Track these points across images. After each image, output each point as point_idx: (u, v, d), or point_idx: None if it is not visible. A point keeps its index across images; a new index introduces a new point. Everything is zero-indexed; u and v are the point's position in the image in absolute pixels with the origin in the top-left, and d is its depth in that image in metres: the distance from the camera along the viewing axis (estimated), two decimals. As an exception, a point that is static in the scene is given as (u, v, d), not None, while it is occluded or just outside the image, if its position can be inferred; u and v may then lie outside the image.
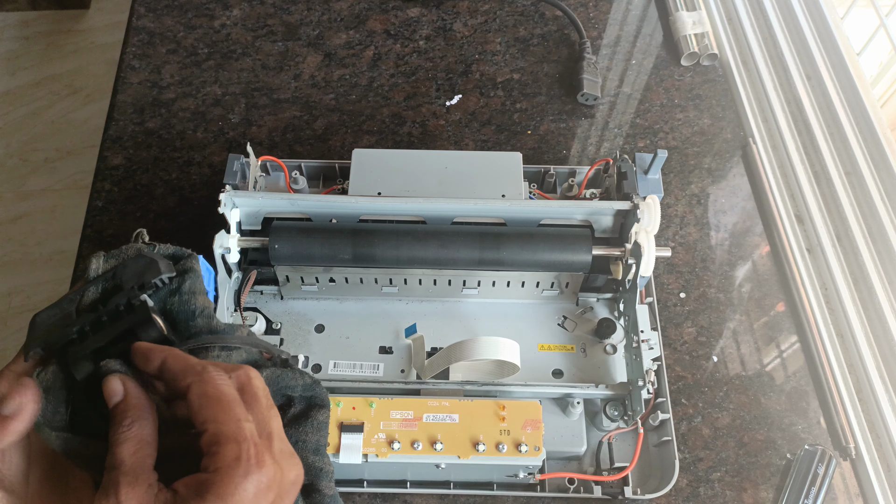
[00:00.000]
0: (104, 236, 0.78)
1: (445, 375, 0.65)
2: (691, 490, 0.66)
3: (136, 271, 0.38)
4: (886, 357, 0.70)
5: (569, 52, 0.93)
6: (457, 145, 0.85)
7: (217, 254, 0.63)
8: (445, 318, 0.71)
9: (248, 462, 0.32)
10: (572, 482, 0.64)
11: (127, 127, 0.86)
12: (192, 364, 0.35)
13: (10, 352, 1.53)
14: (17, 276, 1.61)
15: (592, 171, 0.76)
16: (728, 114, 0.88)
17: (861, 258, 0.74)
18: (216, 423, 0.32)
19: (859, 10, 0.86)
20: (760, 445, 0.68)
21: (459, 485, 0.64)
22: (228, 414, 0.33)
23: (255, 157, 0.73)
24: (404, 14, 0.95)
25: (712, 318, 0.74)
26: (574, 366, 0.69)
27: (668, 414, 0.64)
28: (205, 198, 0.80)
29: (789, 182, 0.82)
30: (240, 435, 0.32)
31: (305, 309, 0.71)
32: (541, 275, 0.68)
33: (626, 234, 0.66)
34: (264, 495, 0.32)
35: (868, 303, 0.73)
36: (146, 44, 0.92)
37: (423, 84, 0.89)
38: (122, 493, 0.31)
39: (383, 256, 0.65)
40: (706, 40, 0.91)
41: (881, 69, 0.89)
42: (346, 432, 0.59)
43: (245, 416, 0.33)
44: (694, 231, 0.79)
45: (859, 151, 0.79)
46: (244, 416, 0.33)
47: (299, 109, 0.87)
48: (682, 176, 0.83)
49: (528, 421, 0.59)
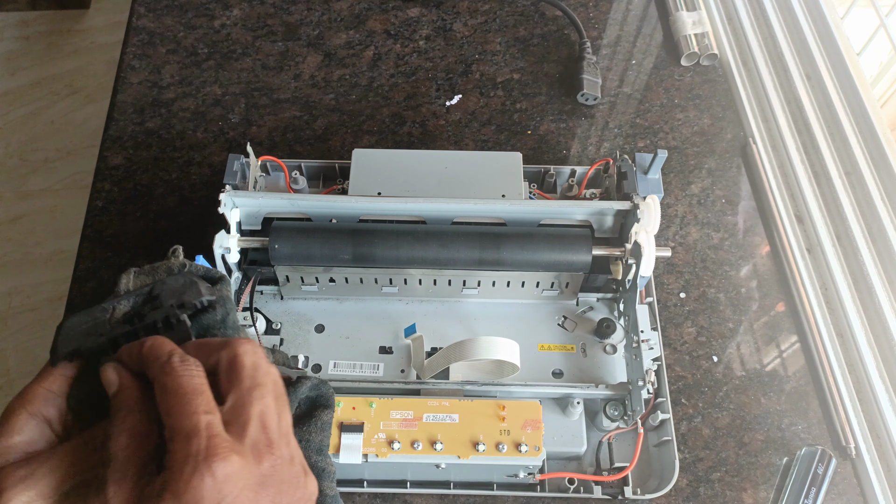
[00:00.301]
0: (104, 236, 0.78)
1: (445, 375, 0.65)
2: (691, 490, 0.66)
3: (176, 290, 0.37)
4: (886, 357, 0.70)
5: (569, 52, 0.93)
6: (457, 145, 0.85)
7: (217, 254, 0.63)
8: (445, 318, 0.71)
9: (196, 457, 0.30)
10: (572, 482, 0.64)
11: (127, 127, 0.86)
12: (158, 354, 0.33)
13: (9, 352, 1.53)
14: (17, 276, 1.61)
15: (592, 171, 0.76)
16: (728, 114, 0.88)
17: (861, 258, 0.74)
18: (170, 418, 0.31)
19: (859, 10, 0.86)
20: (760, 445, 0.68)
21: (459, 485, 0.64)
22: (182, 407, 0.31)
23: (255, 157, 0.73)
24: (404, 14, 0.95)
25: (712, 318, 0.74)
26: (574, 366, 0.69)
27: (668, 414, 0.64)
28: (205, 198, 0.80)
29: (789, 182, 0.82)
30: (191, 429, 0.31)
31: (305, 309, 0.71)
32: (541, 275, 0.68)
33: (626, 234, 0.66)
34: (224, 490, 0.30)
35: (868, 303, 0.73)
36: (146, 44, 0.92)
37: (423, 84, 0.89)
38: (109, 491, 0.31)
39: (383, 256, 0.65)
40: (706, 40, 0.91)
41: (881, 69, 0.89)
42: (346, 432, 0.59)
43: (205, 407, 0.31)
44: (694, 231, 0.79)
45: (859, 151, 0.79)
46: (204, 406, 0.31)
47: (299, 109, 0.87)
48: (682, 176, 0.83)
49: (528, 421, 0.59)
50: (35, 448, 0.34)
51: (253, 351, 0.35)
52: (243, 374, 0.33)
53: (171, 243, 0.42)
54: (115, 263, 0.76)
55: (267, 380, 0.34)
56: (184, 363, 0.33)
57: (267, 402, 0.33)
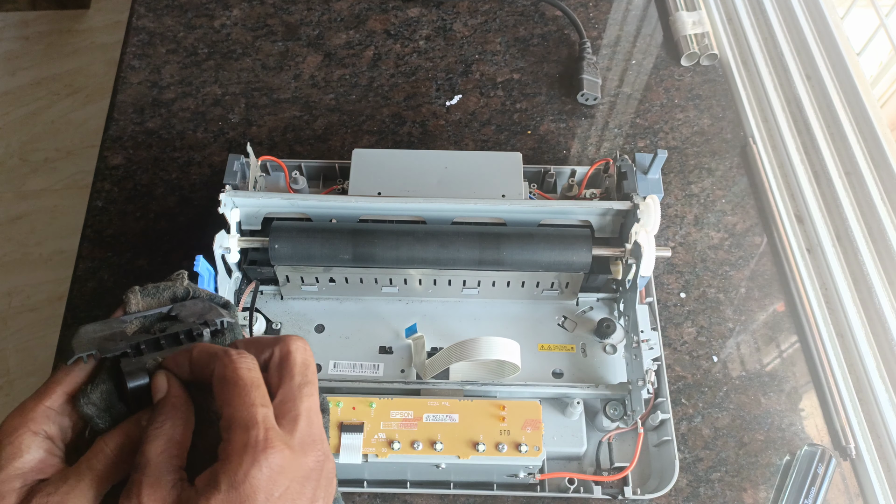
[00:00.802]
0: (104, 236, 0.78)
1: (445, 375, 0.65)
2: (691, 490, 0.66)
3: (196, 311, 0.39)
4: (886, 357, 0.70)
5: (569, 52, 0.93)
6: (457, 145, 0.85)
7: (217, 254, 0.63)
8: (445, 318, 0.71)
9: (255, 448, 0.31)
10: (572, 482, 0.64)
11: (127, 127, 0.86)
12: (215, 350, 0.34)
13: (9, 352, 1.53)
14: (17, 276, 1.61)
15: (592, 171, 0.76)
16: (728, 114, 0.88)
17: (861, 258, 0.74)
18: (229, 408, 0.32)
19: (859, 10, 0.86)
20: (760, 445, 0.68)
21: (459, 485, 0.64)
22: (242, 398, 0.32)
23: (255, 157, 0.73)
24: (404, 14, 0.95)
25: (712, 318, 0.74)
26: (574, 366, 0.69)
27: (668, 414, 0.64)
28: (205, 198, 0.80)
29: (789, 182, 0.82)
30: (250, 420, 0.31)
31: (305, 309, 0.71)
32: (541, 275, 0.68)
33: (626, 234, 0.66)
34: (277, 481, 0.31)
35: (868, 303, 0.73)
36: (146, 44, 0.92)
37: (423, 84, 0.89)
38: (143, 493, 0.31)
39: (383, 256, 0.65)
40: (706, 40, 0.91)
41: (881, 69, 0.89)
42: (346, 432, 0.59)
43: (261, 400, 0.33)
44: (694, 231, 0.79)
45: (859, 151, 0.79)
46: (260, 399, 0.32)
47: (299, 109, 0.87)
48: (682, 176, 0.83)
49: (528, 421, 0.59)
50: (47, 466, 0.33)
51: (304, 349, 0.36)
52: (294, 370, 0.35)
53: (171, 243, 0.42)
54: (115, 263, 0.76)
55: (315, 378, 0.35)
56: (241, 356, 0.34)
57: (314, 401, 0.35)
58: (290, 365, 0.35)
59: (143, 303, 0.39)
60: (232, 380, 0.33)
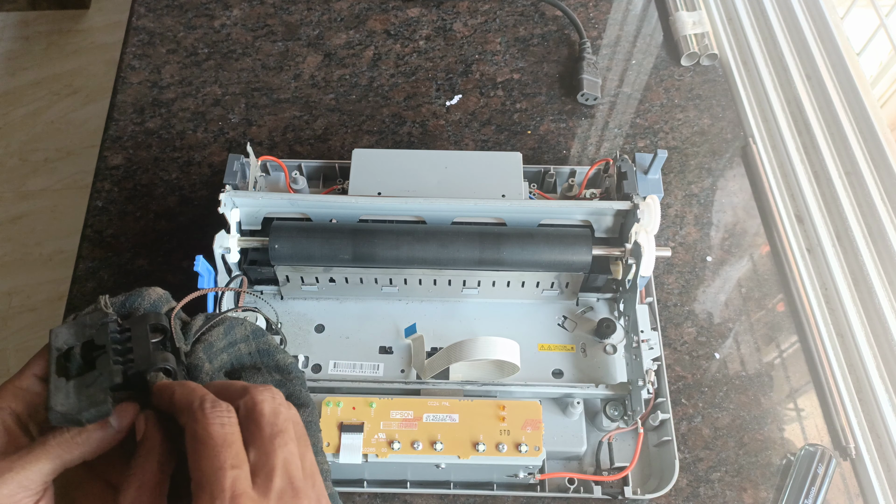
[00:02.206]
0: (104, 236, 0.78)
1: (445, 375, 0.65)
2: (691, 490, 0.66)
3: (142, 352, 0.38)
4: (886, 357, 0.70)
5: (569, 52, 0.93)
6: (457, 145, 0.85)
7: (217, 254, 0.63)
8: (445, 318, 0.71)
9: None
10: (572, 482, 0.64)
11: (127, 127, 0.86)
12: (191, 400, 0.33)
13: (9, 352, 1.53)
14: (17, 276, 1.61)
15: (592, 171, 0.76)
16: (728, 114, 0.88)
17: (861, 258, 0.74)
18: (197, 472, 0.31)
19: (859, 10, 0.86)
20: (760, 445, 0.68)
21: (459, 485, 0.64)
22: (210, 461, 0.31)
23: (255, 157, 0.73)
24: (404, 14, 0.95)
25: (712, 319, 0.74)
26: (574, 366, 0.69)
27: (668, 414, 0.64)
28: (205, 198, 0.80)
29: (789, 182, 0.82)
30: (216, 487, 0.30)
31: (305, 309, 0.71)
32: (541, 275, 0.68)
33: (626, 234, 0.66)
34: None
35: (868, 303, 0.73)
36: (146, 44, 0.92)
37: (423, 84, 0.89)
38: None
39: (383, 256, 0.65)
40: (706, 40, 0.91)
41: (881, 69, 0.88)
42: (346, 432, 0.59)
43: (232, 461, 0.31)
44: (694, 231, 0.79)
45: (859, 151, 0.79)
46: (231, 460, 0.31)
47: (299, 109, 0.87)
48: (682, 176, 0.83)
49: (528, 421, 0.59)
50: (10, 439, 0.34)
51: (272, 398, 0.34)
52: (263, 422, 0.33)
53: (171, 243, 0.42)
54: (115, 263, 0.76)
55: (287, 425, 0.34)
56: (214, 409, 0.33)
57: (290, 449, 0.33)
58: (258, 417, 0.33)
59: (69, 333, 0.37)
60: (202, 438, 0.32)
